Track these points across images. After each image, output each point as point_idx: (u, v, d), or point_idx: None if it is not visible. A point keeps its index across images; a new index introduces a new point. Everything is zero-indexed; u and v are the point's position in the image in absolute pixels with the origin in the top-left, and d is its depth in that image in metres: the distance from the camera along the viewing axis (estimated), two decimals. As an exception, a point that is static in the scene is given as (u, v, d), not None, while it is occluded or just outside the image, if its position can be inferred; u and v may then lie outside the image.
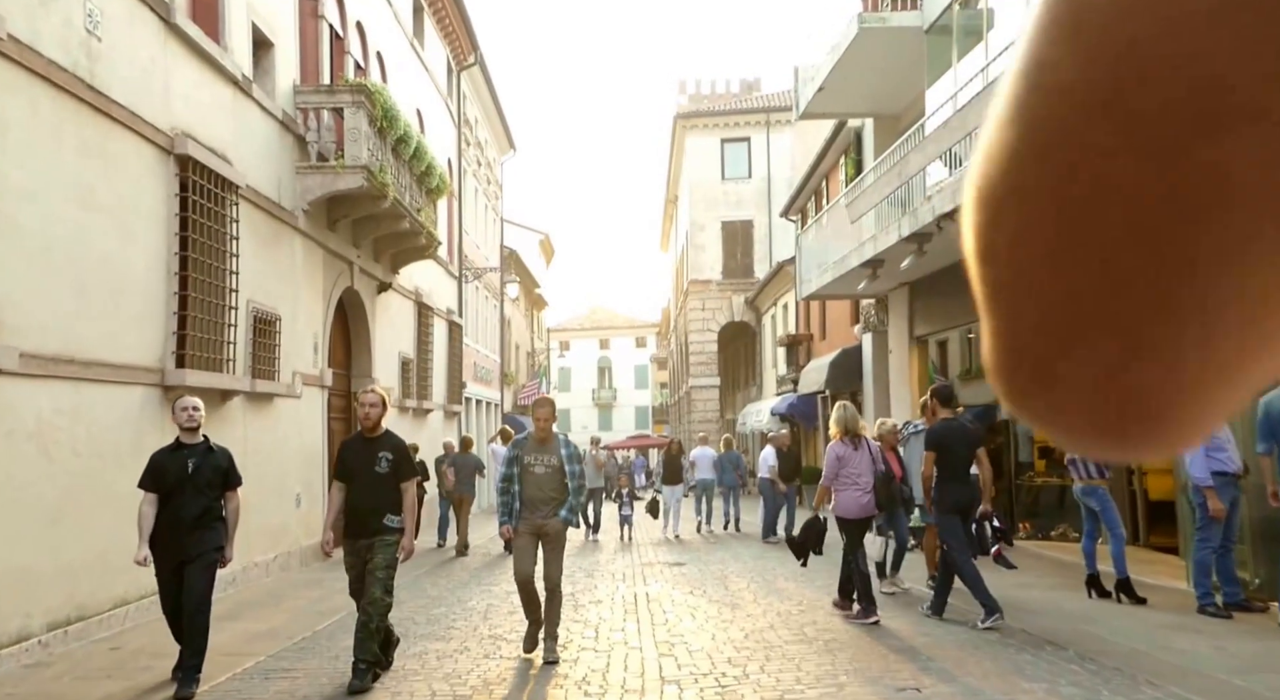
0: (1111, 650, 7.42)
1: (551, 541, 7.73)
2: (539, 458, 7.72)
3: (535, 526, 7.70)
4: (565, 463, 7.71)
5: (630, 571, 13.66)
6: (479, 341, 30.31)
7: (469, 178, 28.27)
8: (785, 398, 28.94)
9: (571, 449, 7.83)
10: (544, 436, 7.80)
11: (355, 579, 7.23)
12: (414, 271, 20.70)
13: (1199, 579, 8.80)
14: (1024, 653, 7.45)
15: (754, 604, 10.44)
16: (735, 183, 39.79)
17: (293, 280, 13.61)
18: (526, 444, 7.83)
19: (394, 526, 7.10)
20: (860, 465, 8.86)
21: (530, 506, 7.72)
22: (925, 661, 7.30)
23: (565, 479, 7.72)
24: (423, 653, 8.13)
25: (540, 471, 7.71)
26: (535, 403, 8.07)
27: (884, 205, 15.51)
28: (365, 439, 7.32)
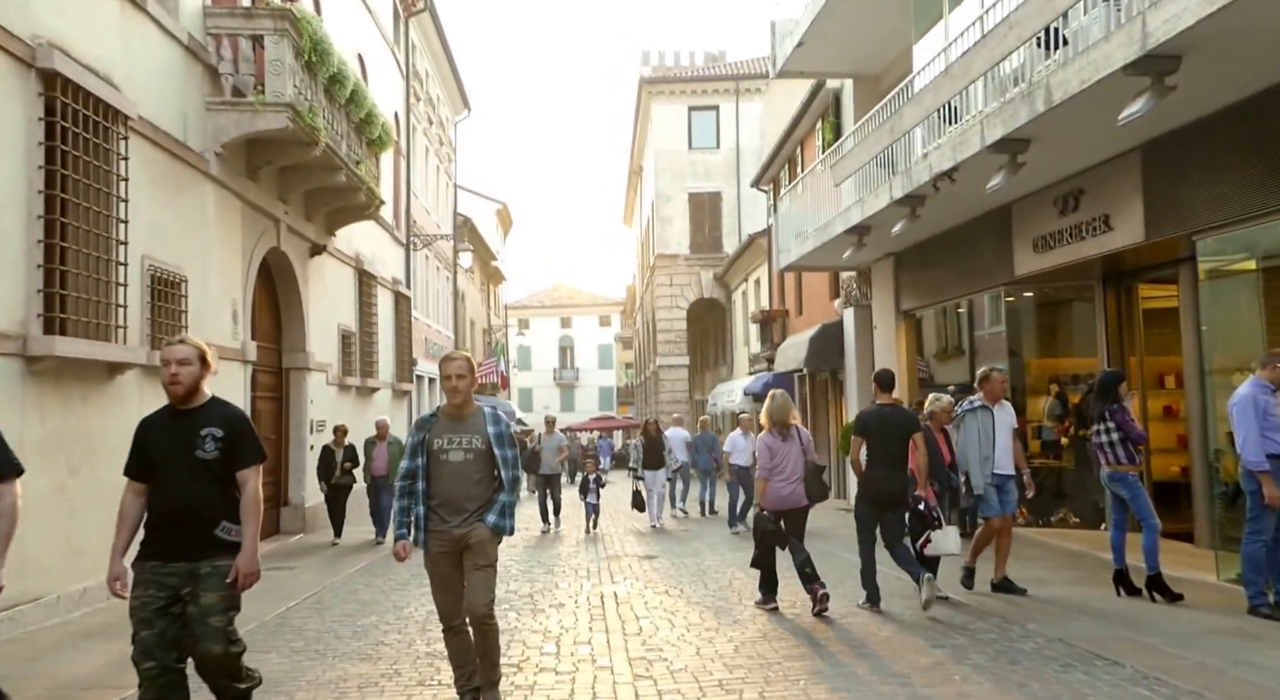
0: (1175, 666, 5.98)
1: (477, 557, 5.46)
2: (455, 439, 5.53)
3: (453, 539, 5.46)
4: (494, 445, 5.52)
5: (596, 567, 12.09)
6: (430, 316, 28.55)
7: (418, 136, 26.45)
8: (759, 377, 27.44)
9: (502, 426, 5.61)
10: (460, 408, 5.59)
11: (150, 631, 4.52)
12: (354, 234, 18.91)
13: (1250, 576, 7.52)
14: (1073, 670, 5.98)
15: (740, 606, 8.90)
16: (703, 153, 38.21)
17: (203, 236, 11.82)
18: (435, 422, 5.62)
19: (228, 541, 4.64)
20: (789, 456, 8.52)
21: (445, 510, 5.50)
22: (962, 684, 5.78)
23: (494, 468, 5.54)
24: (340, 679, 6.51)
25: (457, 459, 5.50)
26: (444, 359, 5.68)
27: (872, 166, 13.98)
28: (177, 413, 4.73)
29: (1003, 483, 8.85)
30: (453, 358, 5.62)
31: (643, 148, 43.87)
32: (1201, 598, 8.13)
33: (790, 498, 8.48)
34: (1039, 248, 11.85)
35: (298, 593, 10.12)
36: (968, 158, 10.21)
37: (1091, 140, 9.56)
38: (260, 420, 14.68)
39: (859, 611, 8.37)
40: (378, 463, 14.92)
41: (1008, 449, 8.88)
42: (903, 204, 12.63)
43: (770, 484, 8.51)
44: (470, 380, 5.60)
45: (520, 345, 71.38)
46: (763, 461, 8.63)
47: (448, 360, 5.60)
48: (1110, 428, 8.13)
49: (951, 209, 12.79)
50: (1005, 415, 9.04)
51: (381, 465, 14.83)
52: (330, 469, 14.64)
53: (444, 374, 5.56)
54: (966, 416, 9.04)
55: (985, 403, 9.00)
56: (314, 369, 16.38)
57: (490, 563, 5.54)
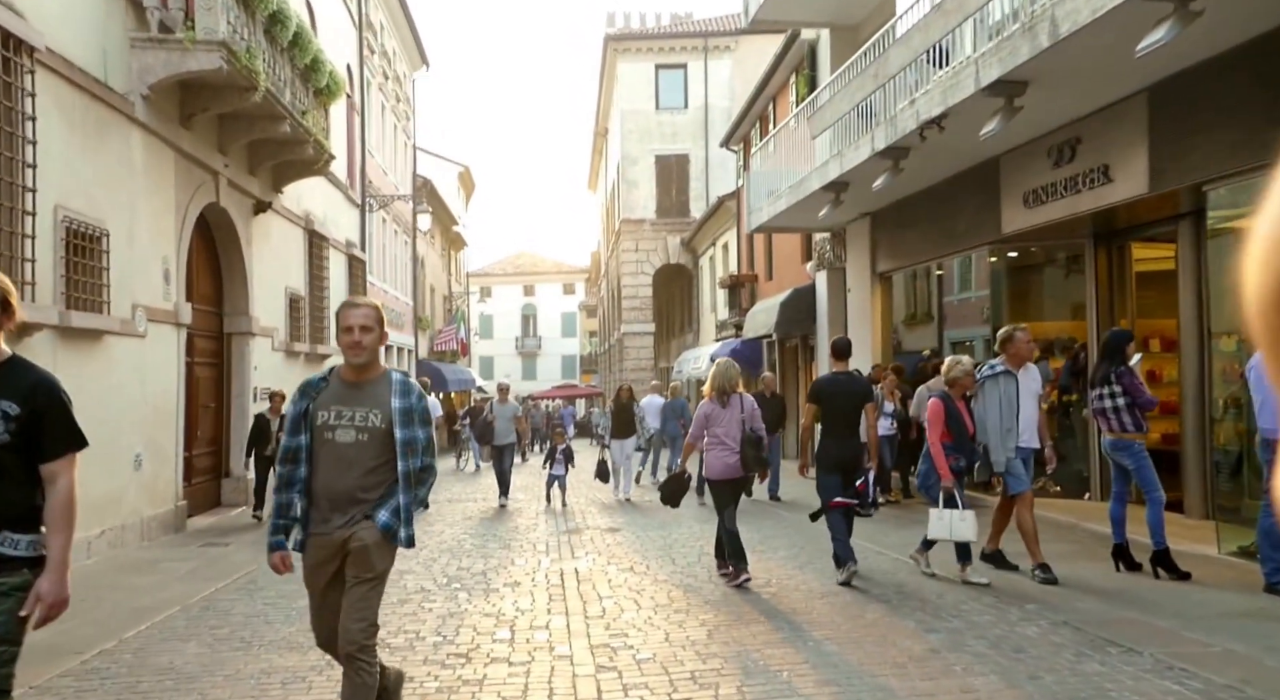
0: (1202, 655, 5.39)
1: (359, 567, 4.16)
2: (346, 413, 4.20)
3: (334, 545, 4.20)
4: (396, 422, 4.18)
5: (555, 540, 11.38)
6: (387, 281, 27.56)
7: (373, 91, 25.36)
8: (727, 343, 26.76)
9: (413, 400, 4.25)
10: (360, 373, 4.26)
11: None
12: (303, 192, 17.92)
13: (1267, 552, 6.95)
14: (1087, 659, 5.36)
15: (710, 584, 8.23)
16: (670, 113, 37.26)
17: (129, 187, 10.88)
18: (324, 389, 4.29)
19: (17, 556, 3.33)
20: (728, 424, 8.32)
21: (328, 506, 4.22)
22: (965, 676, 5.13)
23: (394, 453, 4.19)
24: (264, 672, 5.78)
25: (347, 439, 4.17)
26: (344, 305, 4.34)
27: (852, 117, 13.24)
28: None
29: (1027, 456, 8.06)
30: (356, 303, 4.30)
31: (608, 109, 42.83)
32: (1208, 574, 7.56)
33: (732, 467, 8.29)
34: (1030, 202, 11.18)
35: (229, 572, 9.33)
36: (959, 102, 9.49)
37: (1094, 82, 8.86)
38: (199, 387, 13.82)
39: (842, 591, 7.72)
40: None
41: (1034, 419, 8.07)
42: (885, 156, 11.93)
43: (713, 452, 8.34)
44: (378, 336, 4.23)
45: (482, 313, 70.33)
46: (695, 428, 8.55)
47: (349, 307, 4.26)
48: (1116, 392, 7.45)
49: (936, 162, 12.10)
50: (1030, 381, 8.16)
51: None
52: (264, 439, 13.09)
53: (343, 324, 4.19)
54: (987, 383, 8.05)
55: (1008, 367, 8.06)
56: (258, 334, 15.47)
57: (375, 575, 4.19)
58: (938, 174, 12.95)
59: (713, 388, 8.50)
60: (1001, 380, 8.01)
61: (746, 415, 8.36)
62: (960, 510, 7.55)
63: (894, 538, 10.28)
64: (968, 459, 7.84)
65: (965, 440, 7.80)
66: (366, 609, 4.18)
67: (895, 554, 9.26)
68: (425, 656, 6.02)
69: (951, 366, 8.07)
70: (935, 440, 7.64)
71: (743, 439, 8.28)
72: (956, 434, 7.75)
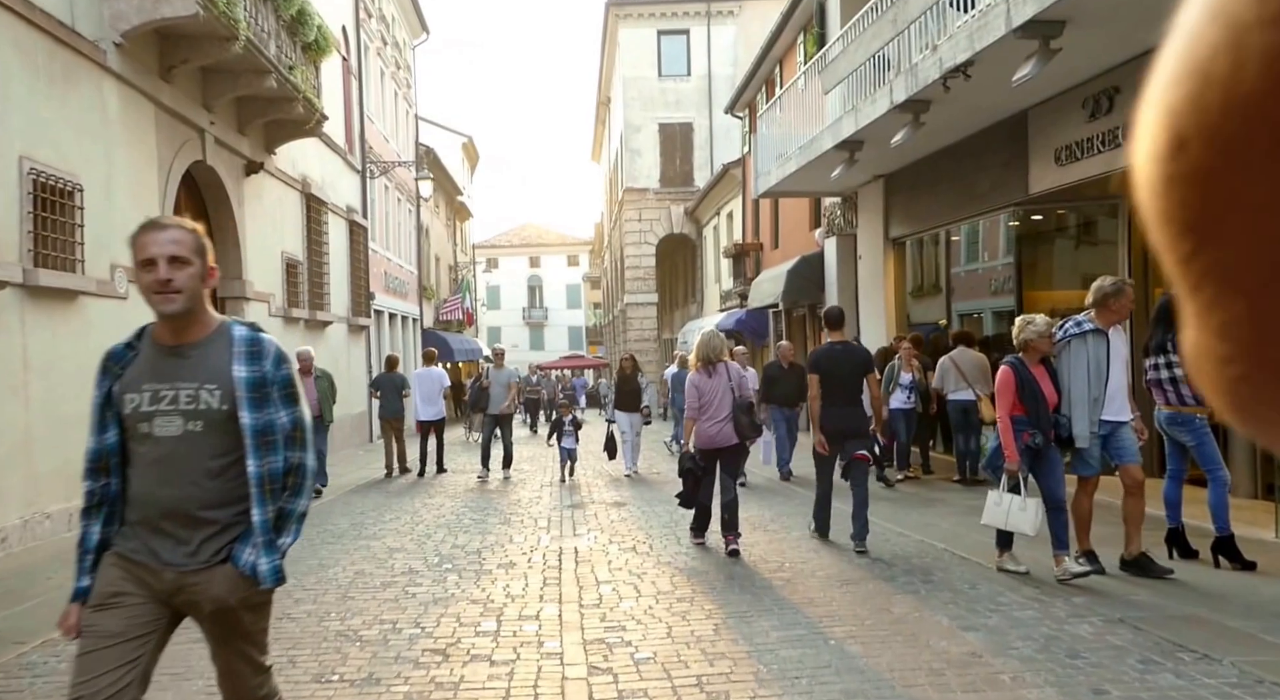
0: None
1: (232, 635, 2.97)
2: (165, 392, 2.84)
3: (160, 588, 2.85)
4: (243, 402, 2.85)
5: (558, 516, 10.79)
6: (390, 249, 26.89)
7: (371, 56, 24.59)
8: (732, 314, 26.12)
9: (267, 365, 2.91)
10: (180, 330, 2.88)
11: None
12: (299, 156, 17.27)
13: None
14: (1157, 668, 4.65)
15: (718, 571, 7.61)
16: (673, 81, 36.35)
17: (104, 139, 10.23)
18: (132, 361, 2.92)
19: None
20: (716, 393, 8.26)
21: (147, 531, 2.86)
22: (1015, 687, 4.50)
23: (247, 451, 2.85)
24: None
25: (171, 431, 2.82)
26: (140, 231, 2.88)
27: (868, 68, 12.51)
28: None
29: (1113, 431, 6.86)
30: (160, 224, 2.88)
31: (611, 77, 41.89)
32: (1272, 562, 6.85)
33: (719, 437, 8.25)
34: (1062, 159, 10.46)
35: (209, 550, 8.76)
36: (988, 46, 8.76)
37: (1138, 21, 8.09)
38: (186, 355, 13.24)
39: (864, 578, 7.10)
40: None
41: (1124, 388, 6.90)
42: (904, 110, 11.21)
43: (699, 424, 8.29)
44: (199, 271, 2.84)
45: (489, 284, 69.65)
46: (689, 402, 8.43)
47: (148, 231, 2.85)
48: (1173, 361, 6.63)
49: (959, 117, 11.37)
50: (1120, 344, 6.89)
51: (310, 404, 13.11)
52: None
53: (141, 256, 2.80)
54: (1073, 343, 6.77)
55: (1098, 325, 6.73)
56: (253, 299, 14.86)
57: (253, 638, 3.01)
58: (959, 130, 12.21)
59: (698, 358, 8.46)
60: (1090, 340, 6.70)
61: (735, 383, 8.32)
62: (1022, 498, 6.65)
63: (915, 517, 9.69)
64: (1044, 434, 6.65)
65: (1043, 413, 6.64)
66: (255, 675, 3.06)
67: (919, 535, 8.66)
68: (398, 653, 5.41)
69: (1022, 327, 6.82)
70: (1004, 414, 6.66)
71: (734, 406, 8.22)
72: (1031, 406, 6.63)
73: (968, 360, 12.00)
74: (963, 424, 12.16)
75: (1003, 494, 6.71)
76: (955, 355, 12.11)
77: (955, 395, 12.03)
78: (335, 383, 13.62)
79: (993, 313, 14.24)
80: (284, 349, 3.04)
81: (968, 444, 12.25)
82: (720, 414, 8.23)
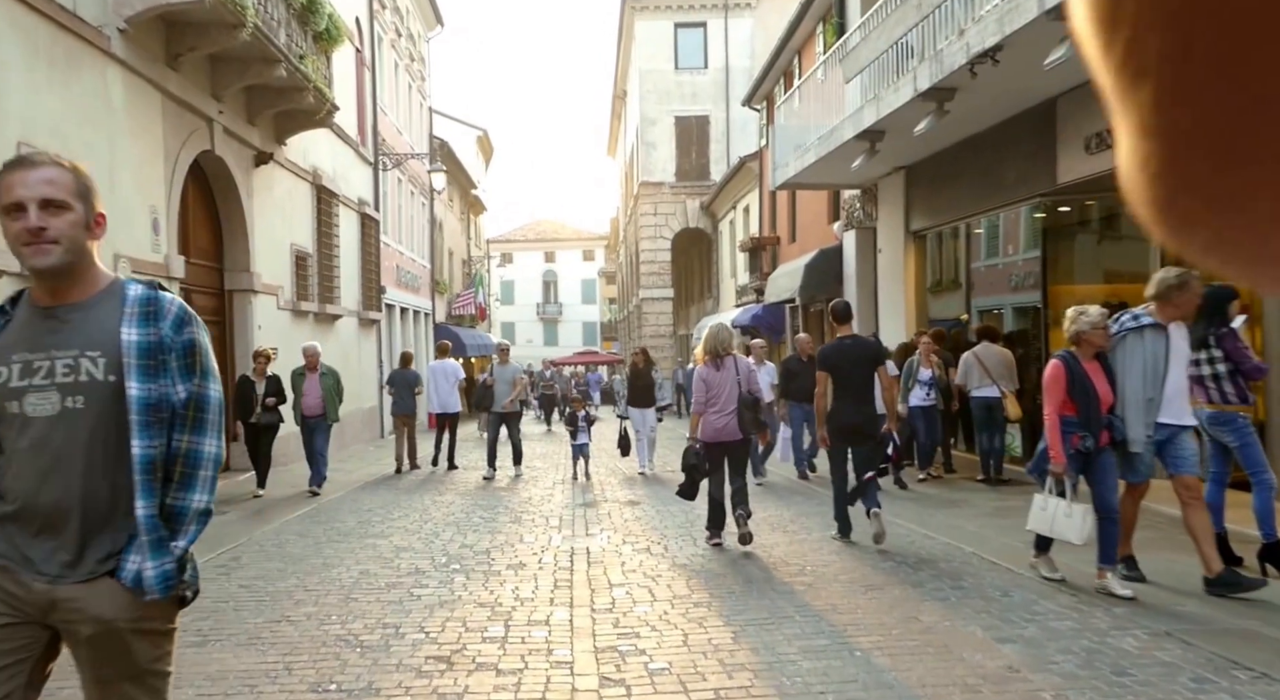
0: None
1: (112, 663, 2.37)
2: (39, 363, 2.32)
3: (32, 603, 2.32)
4: (131, 369, 2.34)
5: (570, 514, 10.52)
6: (403, 242, 26.64)
7: (385, 48, 24.33)
8: (748, 309, 25.81)
9: (165, 327, 2.43)
10: (56, 288, 2.40)
11: None
12: (310, 147, 17.03)
13: None
14: (1212, 688, 4.33)
15: (736, 574, 7.32)
16: (690, 73, 36.01)
17: (108, 127, 9.99)
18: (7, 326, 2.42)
19: None
20: (723, 386, 8.24)
21: (18, 529, 2.33)
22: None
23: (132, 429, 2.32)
24: (212, 677, 4.92)
25: (45, 411, 2.30)
26: (6, 168, 2.35)
27: (890, 56, 12.18)
28: None
29: (1172, 436, 6.34)
30: (31, 161, 2.39)
31: (627, 71, 41.56)
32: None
33: (725, 430, 8.22)
34: (1092, 148, 10.10)
35: (213, 546, 8.50)
36: (1019, 29, 8.42)
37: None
38: (193, 348, 13.01)
39: (889, 583, 6.81)
40: (308, 398, 12.61)
41: (1184, 389, 6.36)
42: (928, 98, 10.88)
43: (705, 416, 8.28)
44: (81, 218, 2.40)
45: (503, 279, 69.36)
46: (696, 395, 8.42)
47: (16, 168, 2.36)
48: (1216, 357, 6.25)
49: (986, 104, 11.02)
50: (1181, 342, 6.37)
51: (313, 401, 12.62)
52: (248, 405, 11.95)
53: (7, 199, 2.31)
54: (1129, 338, 6.32)
55: (1158, 320, 6.25)
56: (261, 291, 14.63)
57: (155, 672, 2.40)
58: (985, 120, 11.87)
59: (705, 351, 8.41)
60: (1148, 336, 6.24)
61: (742, 377, 8.28)
62: (1069, 503, 6.16)
63: (940, 519, 9.38)
64: (1098, 437, 6.12)
65: (1095, 413, 6.09)
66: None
67: (945, 538, 8.36)
68: (400, 660, 5.14)
69: (1074, 318, 6.24)
70: (1051, 412, 6.15)
71: (740, 400, 8.18)
72: (1083, 405, 6.09)
73: (992, 356, 11.67)
74: (986, 422, 11.83)
75: (1048, 498, 6.25)
76: (979, 351, 11.78)
77: (979, 392, 11.70)
78: (342, 380, 13.14)
79: (1013, 309, 13.92)
80: (194, 312, 2.55)
81: (991, 442, 11.91)
82: (728, 407, 8.20)
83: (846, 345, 8.39)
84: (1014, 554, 7.49)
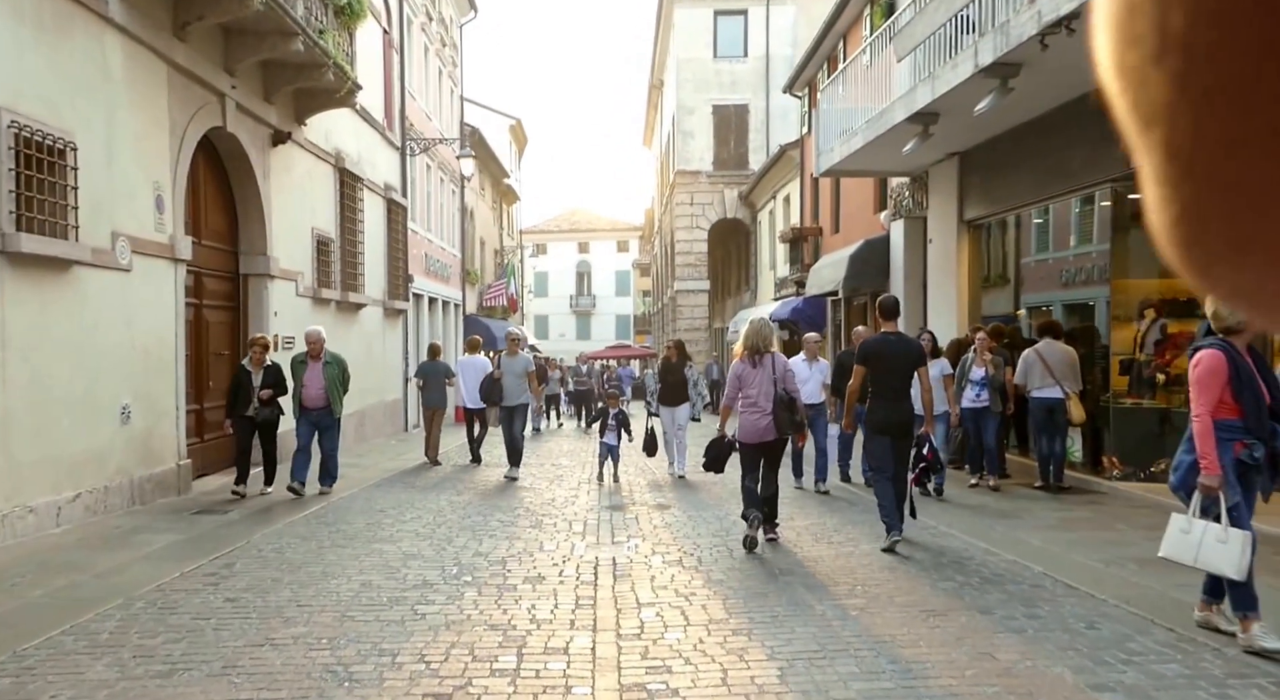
0: None
1: None
2: None
3: None
4: None
5: (594, 519, 9.77)
6: (432, 230, 25.99)
7: (415, 31, 23.65)
8: (787, 302, 24.91)
9: None
10: None
11: None
12: (333, 128, 16.37)
13: None
14: None
15: (780, 593, 6.52)
16: (729, 62, 35.08)
17: (105, 96, 9.33)
18: None
19: None
20: (760, 384, 8.03)
21: None
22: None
23: None
24: None
25: None
26: None
27: (948, 30, 11.31)
28: None
29: None
30: None
31: (664, 59, 40.68)
32: None
33: (766, 431, 8.01)
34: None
35: (209, 549, 7.84)
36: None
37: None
38: (208, 332, 12.41)
39: (953, 608, 5.99)
40: (309, 389, 11.09)
41: None
42: (991, 74, 10.01)
43: (742, 415, 8.12)
44: None
45: (537, 271, 68.68)
46: (729, 389, 8.32)
47: None
48: None
49: (1052, 81, 10.09)
50: None
51: (315, 392, 11.11)
52: (244, 397, 10.69)
53: None
54: None
55: None
56: (278, 276, 13.98)
57: None
58: (1051, 99, 10.94)
59: (744, 346, 8.20)
60: None
61: (779, 376, 8.07)
62: (1223, 527, 4.93)
63: (1000, 531, 8.60)
64: (1269, 447, 5.07)
65: (1263, 417, 5.10)
66: None
67: (1009, 554, 7.54)
68: (394, 698, 4.40)
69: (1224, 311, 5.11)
70: (1204, 413, 5.09)
71: (775, 400, 7.95)
72: (1250, 406, 5.08)
73: (1055, 354, 10.79)
74: (1047, 424, 10.94)
75: (1192, 520, 5.11)
76: (1041, 348, 10.90)
77: (1040, 393, 10.83)
78: (348, 369, 11.67)
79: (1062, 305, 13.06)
80: None
81: (1051, 446, 11.03)
82: (766, 406, 7.99)
83: (891, 341, 8.16)
84: (1093, 576, 6.67)
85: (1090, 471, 11.66)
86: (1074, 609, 5.94)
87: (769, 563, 7.49)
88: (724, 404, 8.46)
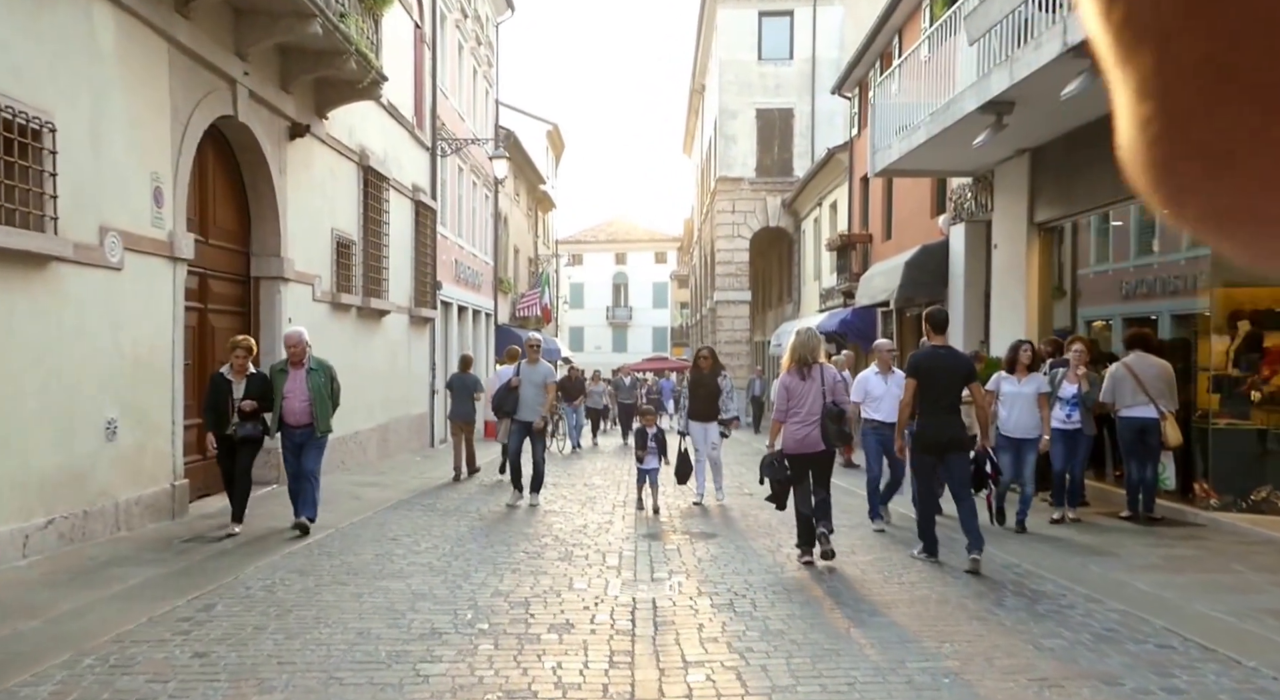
0: None
1: None
2: None
3: None
4: None
5: (631, 550, 8.69)
6: (463, 236, 25.08)
7: (449, 27, 22.78)
8: (834, 314, 23.67)
9: None
10: None
11: None
12: (358, 123, 15.46)
13: None
14: None
15: (851, 649, 5.41)
16: (774, 64, 33.97)
17: (90, 76, 8.37)
18: None
19: None
20: (806, 396, 7.86)
21: None
22: None
23: None
24: None
25: None
26: None
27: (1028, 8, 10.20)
28: None
29: None
30: None
31: (706, 63, 39.66)
32: None
33: (807, 441, 7.83)
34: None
35: (187, 589, 6.82)
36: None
37: None
38: (213, 340, 11.48)
39: (1072, 676, 4.84)
40: (291, 401, 9.26)
41: None
42: (1081, 53, 8.87)
43: (786, 426, 7.93)
44: None
45: (573, 282, 67.83)
46: (778, 404, 8.10)
47: None
48: None
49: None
50: None
51: (298, 405, 9.28)
52: (223, 412, 8.91)
53: None
54: None
55: None
56: (293, 280, 13.05)
57: None
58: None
59: (792, 359, 8.04)
60: None
61: (828, 388, 7.90)
62: None
63: (1095, 572, 7.50)
64: None
65: None
66: None
67: (1115, 602, 6.38)
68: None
69: None
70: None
71: (823, 412, 7.79)
72: None
73: (1148, 368, 9.62)
74: (1137, 447, 9.75)
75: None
76: (1132, 362, 9.72)
77: (1129, 412, 9.66)
78: (338, 379, 9.78)
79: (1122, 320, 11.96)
80: None
81: (1143, 472, 9.83)
82: (811, 417, 7.82)
83: (941, 354, 7.99)
84: (1230, 634, 5.54)
85: (1182, 500, 10.45)
86: (1220, 680, 4.82)
87: (834, 608, 6.38)
88: (774, 418, 8.21)
